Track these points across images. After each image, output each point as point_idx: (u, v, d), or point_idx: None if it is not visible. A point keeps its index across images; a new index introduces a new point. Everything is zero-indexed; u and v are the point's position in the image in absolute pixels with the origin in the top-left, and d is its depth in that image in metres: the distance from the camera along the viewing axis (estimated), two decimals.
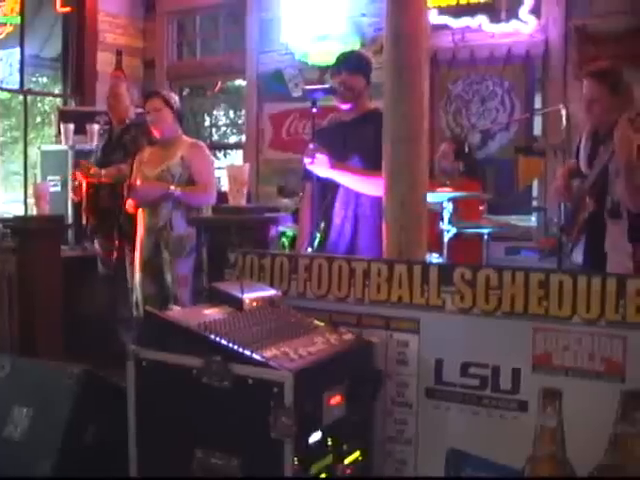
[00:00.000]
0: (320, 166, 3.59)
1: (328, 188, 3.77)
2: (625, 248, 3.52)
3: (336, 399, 2.42)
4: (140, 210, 4.48)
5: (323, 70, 6.65)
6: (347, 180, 3.66)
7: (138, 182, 4.47)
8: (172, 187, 4.33)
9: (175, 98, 4.66)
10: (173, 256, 4.37)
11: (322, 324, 2.72)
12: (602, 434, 2.38)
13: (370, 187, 3.53)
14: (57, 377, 2.86)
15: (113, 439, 2.64)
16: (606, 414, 2.38)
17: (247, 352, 2.30)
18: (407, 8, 3.00)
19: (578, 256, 3.74)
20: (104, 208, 5.02)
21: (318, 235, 3.70)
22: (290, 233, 5.52)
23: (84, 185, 5.05)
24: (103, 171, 4.91)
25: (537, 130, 6.05)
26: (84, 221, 5.22)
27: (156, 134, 4.53)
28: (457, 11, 6.12)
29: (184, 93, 8.61)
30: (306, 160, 3.59)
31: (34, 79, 10.23)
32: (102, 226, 5.06)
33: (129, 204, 4.50)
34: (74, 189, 5.33)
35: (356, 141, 3.69)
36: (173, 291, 4.36)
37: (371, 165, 3.50)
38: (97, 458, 2.77)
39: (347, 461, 2.51)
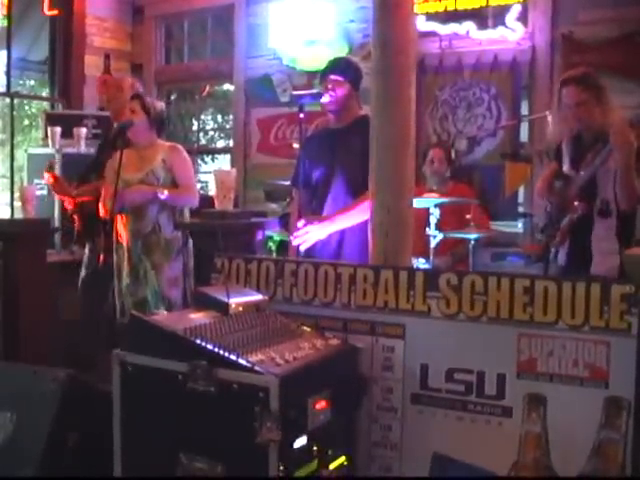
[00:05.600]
0: (314, 234, 3.62)
1: (316, 195, 3.77)
2: (613, 245, 3.59)
3: (321, 404, 2.42)
4: (122, 216, 4.42)
5: (311, 75, 6.64)
6: (343, 223, 3.66)
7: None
8: (160, 191, 4.30)
9: (156, 105, 4.54)
10: (163, 259, 4.35)
11: (308, 329, 2.72)
12: (586, 440, 2.40)
13: (362, 214, 3.44)
14: (41, 382, 2.85)
15: (97, 443, 2.64)
16: (590, 420, 2.39)
17: (233, 357, 2.30)
18: (394, 15, 3.01)
19: (562, 257, 3.78)
20: (89, 212, 4.97)
21: None
22: (277, 238, 5.50)
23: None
24: (74, 192, 4.83)
25: (524, 136, 6.06)
26: (75, 225, 5.17)
27: (129, 136, 4.49)
28: (445, 18, 6.13)
29: (172, 97, 8.59)
30: (297, 241, 3.62)
31: (21, 82, 10.18)
32: (88, 230, 5.02)
33: (101, 210, 4.45)
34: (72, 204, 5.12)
35: (344, 151, 3.69)
36: (165, 294, 4.33)
37: (354, 185, 3.56)
38: (81, 462, 2.76)
39: (332, 466, 2.52)
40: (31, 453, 2.71)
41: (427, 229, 4.68)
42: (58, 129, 6.37)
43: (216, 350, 2.32)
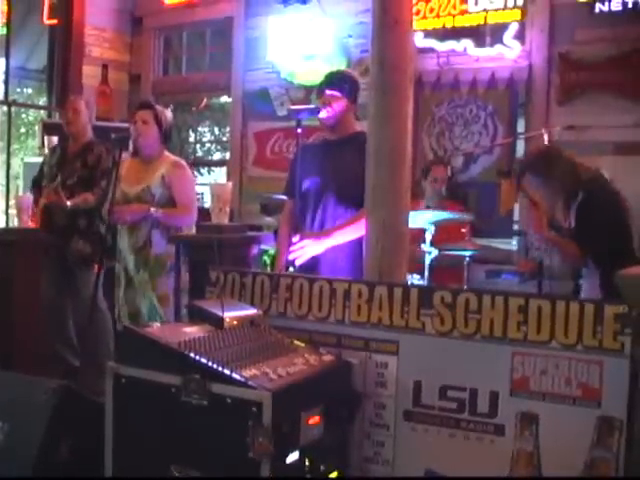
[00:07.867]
0: (310, 249, 3.62)
1: (306, 205, 3.76)
2: (593, 293, 3.75)
3: (314, 419, 2.42)
4: (121, 228, 4.43)
5: (309, 90, 6.67)
6: (340, 238, 3.65)
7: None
8: (152, 209, 4.27)
9: (167, 115, 4.53)
10: (153, 275, 4.34)
11: (302, 344, 2.72)
12: (578, 459, 2.39)
13: (359, 230, 3.40)
14: (33, 391, 2.84)
15: (89, 455, 2.63)
16: (582, 439, 2.39)
17: (226, 371, 2.30)
18: (392, 31, 3.02)
19: None
20: (60, 226, 4.91)
21: None
22: (272, 252, 5.51)
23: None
24: (69, 203, 4.77)
25: (520, 154, 6.09)
26: None
27: (137, 147, 4.46)
28: (443, 35, 6.15)
29: (169, 108, 8.61)
30: (293, 255, 3.61)
31: (19, 90, 10.19)
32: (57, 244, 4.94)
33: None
34: (32, 216, 5.04)
35: (337, 163, 3.69)
36: (158, 310, 4.32)
37: (345, 198, 3.62)
38: (73, 473, 2.76)
39: None
40: (23, 463, 2.70)
41: (422, 245, 4.69)
42: (55, 138, 6.38)
43: (210, 364, 2.32)
